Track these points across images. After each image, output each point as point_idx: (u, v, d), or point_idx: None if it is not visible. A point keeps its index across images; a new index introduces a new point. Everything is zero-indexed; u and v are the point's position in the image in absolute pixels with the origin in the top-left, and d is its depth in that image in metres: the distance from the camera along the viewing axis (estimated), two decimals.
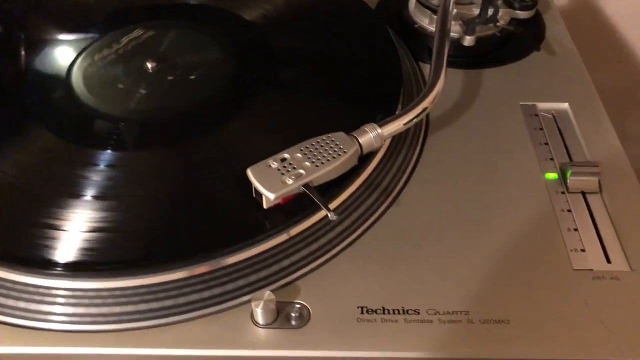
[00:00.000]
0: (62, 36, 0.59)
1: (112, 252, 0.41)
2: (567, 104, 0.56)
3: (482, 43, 0.60)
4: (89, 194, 0.44)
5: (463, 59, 0.60)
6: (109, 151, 0.47)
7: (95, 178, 0.45)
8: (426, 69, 0.57)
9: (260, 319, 0.39)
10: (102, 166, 0.46)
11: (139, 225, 0.42)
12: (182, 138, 0.48)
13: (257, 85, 0.53)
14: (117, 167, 0.46)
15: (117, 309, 0.40)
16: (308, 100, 0.52)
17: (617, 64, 0.89)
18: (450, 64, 0.58)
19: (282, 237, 0.42)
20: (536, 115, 0.55)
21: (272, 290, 0.40)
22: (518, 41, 0.61)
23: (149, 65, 0.54)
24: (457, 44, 0.60)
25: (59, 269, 0.40)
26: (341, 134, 0.44)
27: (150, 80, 0.53)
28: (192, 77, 0.53)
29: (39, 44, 0.58)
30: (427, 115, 0.54)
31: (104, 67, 0.55)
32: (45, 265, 0.40)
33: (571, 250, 0.44)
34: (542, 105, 0.56)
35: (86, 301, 0.40)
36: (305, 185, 0.41)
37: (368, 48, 0.57)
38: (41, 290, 0.41)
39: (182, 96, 0.52)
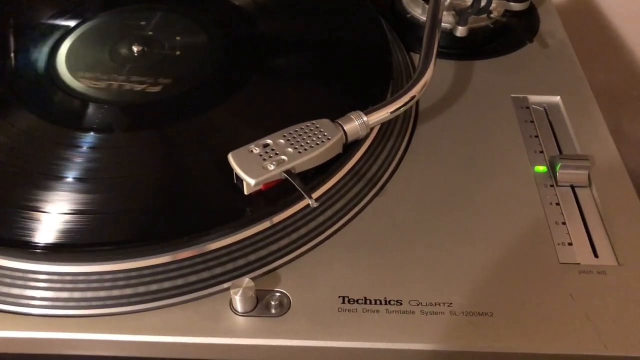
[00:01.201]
0: (47, 18, 0.58)
1: (89, 235, 0.40)
2: (558, 97, 0.55)
3: (474, 34, 0.59)
4: (71, 176, 0.43)
5: (455, 50, 0.59)
6: (91, 133, 0.46)
7: (78, 160, 0.44)
8: (418, 60, 0.56)
9: (239, 306, 0.39)
10: (84, 148, 0.45)
11: (117, 209, 0.41)
12: (166, 122, 0.47)
13: (244, 70, 0.52)
14: (100, 150, 0.45)
15: (90, 294, 0.39)
16: (295, 88, 0.51)
17: (611, 62, 0.88)
18: (442, 55, 0.58)
19: (264, 225, 0.42)
20: (527, 107, 0.54)
21: (252, 279, 0.39)
22: (511, 33, 0.61)
23: (135, 48, 0.53)
24: (449, 35, 0.59)
25: (36, 251, 0.39)
26: (326, 121, 0.43)
27: (135, 63, 0.52)
28: (178, 61, 0.53)
29: (24, 25, 0.57)
30: (417, 106, 0.54)
31: (88, 50, 0.54)
32: (22, 248, 0.39)
33: (558, 244, 0.43)
34: (534, 98, 0.55)
35: (60, 285, 0.39)
36: (287, 172, 0.40)
37: (358, 37, 0.56)
38: (18, 273, 0.40)
39: (166, 80, 0.51)
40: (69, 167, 0.44)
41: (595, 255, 0.43)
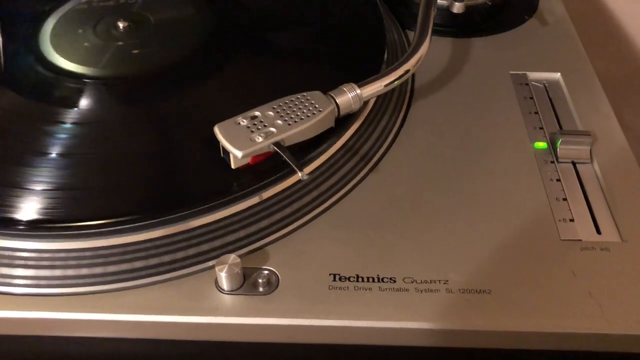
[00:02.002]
0: None
1: (69, 212, 0.38)
2: (559, 74, 0.53)
3: (473, 12, 0.58)
4: (53, 152, 0.41)
5: (452, 28, 0.58)
6: (75, 109, 0.45)
7: (59, 136, 0.43)
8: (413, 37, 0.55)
9: (224, 284, 0.37)
10: (68, 124, 0.44)
11: (99, 186, 0.40)
12: (151, 97, 0.46)
13: (234, 45, 0.50)
14: (83, 126, 0.44)
15: (71, 272, 0.37)
16: (287, 64, 0.49)
17: (614, 52, 0.87)
18: (438, 33, 0.56)
19: (252, 201, 0.40)
20: (526, 84, 0.52)
21: (239, 256, 0.37)
22: (510, 10, 0.59)
23: (121, 25, 0.51)
24: (446, 12, 0.57)
25: (16, 228, 0.37)
26: (317, 93, 0.42)
27: (121, 39, 0.51)
28: (166, 36, 0.51)
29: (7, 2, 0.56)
30: (412, 82, 0.52)
31: (74, 26, 0.52)
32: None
33: (559, 220, 0.42)
34: (533, 75, 0.53)
35: (40, 263, 0.38)
36: (276, 144, 0.38)
37: (352, 12, 0.54)
38: None
39: (153, 55, 0.49)
40: (51, 143, 0.42)
41: (598, 232, 0.41)
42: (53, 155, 0.41)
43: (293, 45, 0.51)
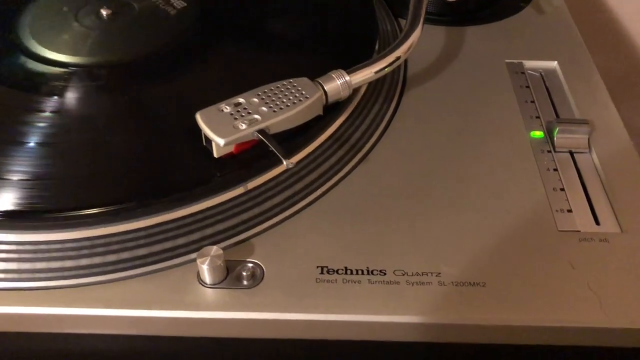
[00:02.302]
0: None
1: (44, 203, 0.36)
2: (555, 62, 0.52)
3: (468, 0, 0.56)
4: (31, 141, 0.40)
5: (447, 17, 0.56)
6: (54, 97, 0.43)
7: (37, 124, 0.41)
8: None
9: (207, 277, 0.35)
10: (48, 112, 0.42)
11: (76, 175, 0.38)
12: (133, 85, 0.44)
13: (220, 33, 0.49)
14: (62, 113, 0.42)
15: (41, 265, 0.36)
16: (274, 52, 0.48)
17: (611, 48, 0.85)
18: (432, 22, 0.55)
19: (237, 191, 0.38)
20: (522, 73, 0.51)
21: (223, 249, 0.36)
22: None
23: (104, 12, 0.50)
24: (441, 1, 0.56)
25: None
26: (304, 79, 0.40)
27: (104, 26, 0.49)
28: (151, 21, 0.49)
29: None
30: (405, 72, 0.50)
31: (54, 13, 0.51)
32: None
33: (556, 211, 0.40)
34: (530, 64, 0.52)
35: (14, 256, 0.36)
36: (260, 132, 0.37)
37: (343, 0, 0.53)
38: None
39: (135, 43, 0.48)
40: (28, 132, 0.41)
41: (597, 223, 0.39)
42: (31, 144, 0.40)
43: (281, 34, 0.50)
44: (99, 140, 0.40)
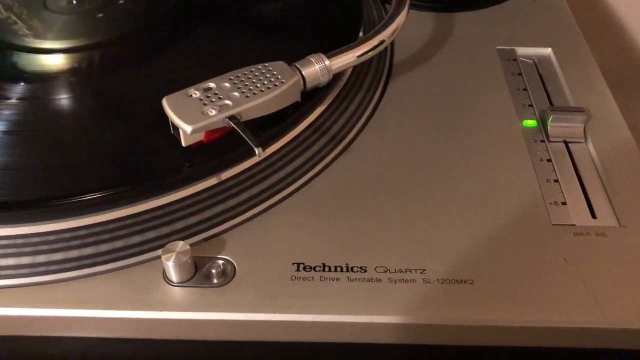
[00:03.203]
0: None
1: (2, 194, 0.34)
2: (549, 49, 0.49)
3: None
4: None
5: (436, 3, 0.54)
6: (22, 84, 0.41)
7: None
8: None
9: (172, 275, 0.33)
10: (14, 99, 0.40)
11: (36, 164, 0.35)
12: (101, 69, 0.42)
13: (192, 14, 0.46)
14: (26, 101, 0.40)
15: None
16: (250, 35, 0.45)
17: (607, 43, 0.83)
18: (422, 8, 0.52)
19: (208, 182, 0.36)
20: (515, 60, 0.48)
21: (192, 245, 0.33)
22: None
23: None
24: None
25: None
26: (280, 63, 0.38)
27: (74, 11, 0.47)
28: (122, 6, 0.47)
29: None
30: (391, 58, 0.48)
31: None
32: None
33: (550, 203, 0.37)
34: (522, 50, 0.49)
35: None
36: (231, 118, 0.34)
37: None
38: None
39: (106, 27, 0.45)
40: None
41: (593, 216, 0.37)
42: None
43: (259, 15, 0.47)
44: (62, 128, 0.37)
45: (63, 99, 0.40)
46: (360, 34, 0.46)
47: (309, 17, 0.47)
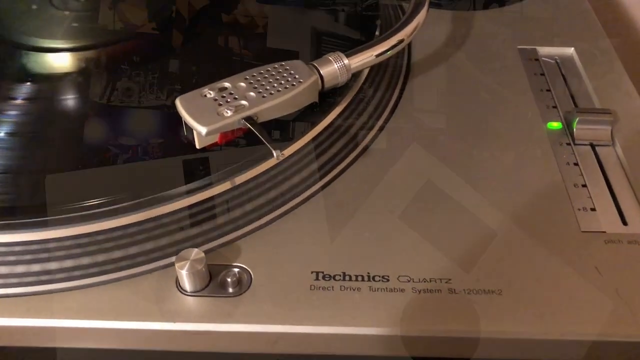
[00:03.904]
0: None
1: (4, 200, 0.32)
2: (572, 48, 0.48)
3: None
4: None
5: (456, 2, 0.52)
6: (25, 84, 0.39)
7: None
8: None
9: (186, 284, 0.31)
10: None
11: (41, 169, 0.34)
12: (111, 69, 0.40)
13: (206, 12, 0.44)
14: (31, 102, 0.38)
15: (4, 270, 0.31)
16: (266, 34, 0.44)
17: (630, 41, 0.81)
18: (441, 7, 0.51)
19: (222, 187, 0.34)
20: (536, 60, 0.47)
21: (206, 252, 0.32)
22: None
23: None
24: None
25: None
26: (298, 62, 0.36)
27: (81, 10, 0.45)
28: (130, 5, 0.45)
29: None
30: (409, 58, 0.46)
31: None
32: None
33: (579, 210, 0.36)
34: (544, 50, 0.48)
35: None
36: (248, 119, 0.33)
37: None
38: None
39: (113, 27, 0.44)
40: None
41: (624, 223, 0.35)
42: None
43: (275, 14, 0.45)
44: (72, 131, 0.36)
45: (66, 103, 0.38)
46: (377, 32, 0.44)
47: (325, 13, 0.46)
